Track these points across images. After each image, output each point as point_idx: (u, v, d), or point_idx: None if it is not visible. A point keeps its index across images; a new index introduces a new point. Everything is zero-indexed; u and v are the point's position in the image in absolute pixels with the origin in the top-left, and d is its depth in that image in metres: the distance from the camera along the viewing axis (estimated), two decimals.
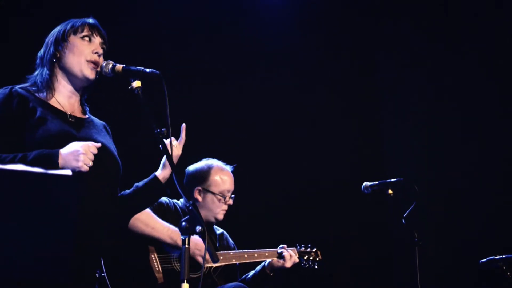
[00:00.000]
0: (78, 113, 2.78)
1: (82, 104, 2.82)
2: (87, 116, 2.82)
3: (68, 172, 1.79)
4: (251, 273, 4.09)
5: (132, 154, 3.23)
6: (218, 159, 4.10)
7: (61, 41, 2.73)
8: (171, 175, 2.71)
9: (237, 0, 5.59)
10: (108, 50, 2.83)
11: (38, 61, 2.79)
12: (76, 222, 1.82)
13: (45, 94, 2.71)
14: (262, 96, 5.56)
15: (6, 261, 1.74)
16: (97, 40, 2.78)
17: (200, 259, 3.50)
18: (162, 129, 2.52)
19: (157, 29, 5.10)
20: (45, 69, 2.73)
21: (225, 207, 3.94)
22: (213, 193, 3.88)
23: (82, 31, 2.75)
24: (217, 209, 3.90)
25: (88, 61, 2.71)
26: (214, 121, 5.29)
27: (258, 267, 4.07)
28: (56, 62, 2.73)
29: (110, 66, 2.70)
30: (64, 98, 2.75)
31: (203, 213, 3.78)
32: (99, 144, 2.52)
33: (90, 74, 2.71)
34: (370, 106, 6.15)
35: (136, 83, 2.62)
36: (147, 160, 4.43)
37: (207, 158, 4.06)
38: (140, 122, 2.91)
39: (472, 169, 5.54)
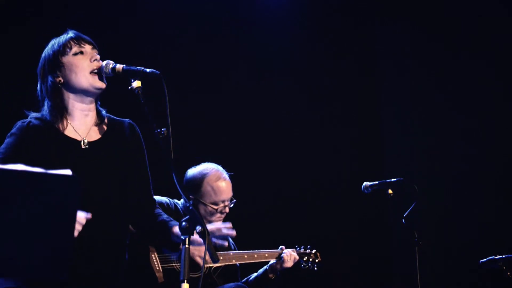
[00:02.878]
0: (95, 133, 2.78)
1: (98, 112, 2.82)
2: (107, 123, 2.81)
3: (68, 172, 1.79)
4: (253, 275, 4.09)
5: None
6: (218, 159, 4.08)
7: (55, 66, 2.72)
8: (171, 175, 2.71)
9: (237, 1, 5.59)
10: (101, 51, 2.83)
11: (39, 96, 2.78)
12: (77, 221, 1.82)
13: (59, 124, 2.72)
14: (262, 96, 5.56)
15: (6, 261, 1.74)
16: (87, 48, 2.76)
17: (199, 260, 3.48)
18: (162, 129, 2.51)
19: (157, 29, 5.10)
20: (47, 101, 2.73)
21: (219, 215, 3.87)
22: (205, 204, 3.85)
23: (71, 48, 2.73)
24: (210, 218, 3.85)
25: (91, 72, 2.71)
26: (214, 121, 5.29)
27: (261, 270, 4.07)
28: (61, 87, 2.73)
29: (111, 66, 2.71)
30: (80, 120, 2.76)
31: None
32: (89, 216, 2.37)
33: (101, 84, 2.72)
34: (370, 106, 6.15)
35: (136, 83, 2.61)
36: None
37: (207, 162, 4.02)
38: (140, 122, 2.91)
39: (472, 169, 5.54)
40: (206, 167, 3.95)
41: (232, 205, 3.93)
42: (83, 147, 2.73)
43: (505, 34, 5.46)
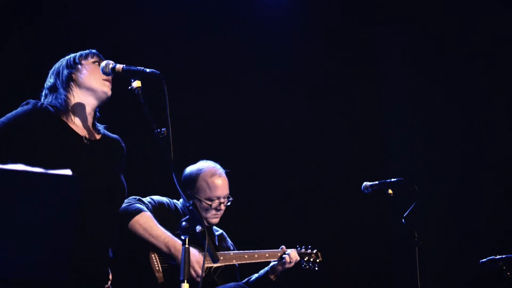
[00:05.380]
0: (91, 134, 2.88)
1: (94, 124, 2.91)
2: (100, 135, 2.92)
3: (68, 172, 1.79)
4: (254, 276, 4.08)
5: (132, 153, 3.23)
6: (218, 159, 4.08)
7: (74, 64, 2.87)
8: (171, 175, 2.72)
9: (237, 1, 5.59)
10: (101, 51, 2.93)
11: (46, 91, 2.87)
12: (77, 221, 1.82)
13: (65, 115, 2.81)
14: (262, 96, 5.56)
15: (6, 261, 1.74)
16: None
17: (193, 275, 3.47)
18: (162, 129, 2.52)
19: (157, 29, 5.10)
20: (61, 90, 2.83)
21: (215, 212, 3.87)
22: (199, 200, 3.85)
23: (92, 57, 2.90)
24: (206, 214, 3.85)
25: (104, 79, 2.83)
26: (214, 121, 5.29)
27: (262, 271, 4.06)
28: (72, 83, 2.84)
29: (111, 66, 2.72)
30: (80, 120, 2.85)
31: None
32: None
33: (108, 90, 2.85)
34: (370, 106, 6.15)
35: (136, 83, 2.62)
36: (146, 160, 4.44)
37: (204, 160, 4.03)
38: (140, 122, 2.91)
39: (472, 169, 5.54)
40: (203, 164, 3.98)
41: (228, 203, 3.93)
42: (84, 142, 2.81)
43: (505, 34, 5.46)
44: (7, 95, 4.13)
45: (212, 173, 3.90)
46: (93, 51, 2.94)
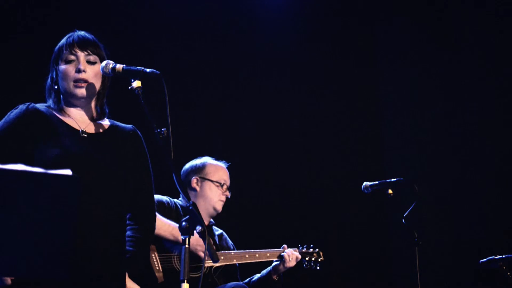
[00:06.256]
0: (91, 127, 2.80)
1: (99, 113, 2.84)
2: (108, 125, 2.84)
3: (68, 171, 1.79)
4: (256, 276, 4.09)
5: None
6: (219, 159, 4.12)
7: (53, 67, 2.80)
8: (171, 175, 2.72)
9: (237, 1, 5.59)
10: (109, 50, 2.85)
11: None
12: (77, 221, 1.82)
13: (58, 112, 2.78)
14: (263, 96, 5.56)
15: (6, 261, 1.74)
16: (80, 55, 2.76)
17: (201, 254, 3.50)
18: (162, 129, 2.51)
19: (157, 29, 5.10)
20: (47, 95, 2.82)
21: (223, 197, 3.97)
22: (211, 181, 3.94)
23: (64, 54, 2.77)
24: (215, 197, 3.92)
25: (74, 82, 2.74)
26: (214, 121, 5.29)
27: (264, 271, 4.07)
28: (55, 85, 2.79)
29: (110, 66, 2.70)
30: (76, 114, 2.80)
31: (202, 204, 3.83)
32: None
33: (80, 93, 2.74)
34: (370, 106, 6.15)
35: (136, 83, 2.61)
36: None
37: (200, 157, 4.09)
38: (140, 122, 2.91)
39: (472, 169, 5.54)
40: (202, 158, 4.11)
41: (229, 196, 4.00)
42: (81, 135, 2.75)
43: (505, 34, 5.46)
44: (7, 95, 4.14)
45: (216, 162, 4.08)
46: (67, 42, 2.78)
